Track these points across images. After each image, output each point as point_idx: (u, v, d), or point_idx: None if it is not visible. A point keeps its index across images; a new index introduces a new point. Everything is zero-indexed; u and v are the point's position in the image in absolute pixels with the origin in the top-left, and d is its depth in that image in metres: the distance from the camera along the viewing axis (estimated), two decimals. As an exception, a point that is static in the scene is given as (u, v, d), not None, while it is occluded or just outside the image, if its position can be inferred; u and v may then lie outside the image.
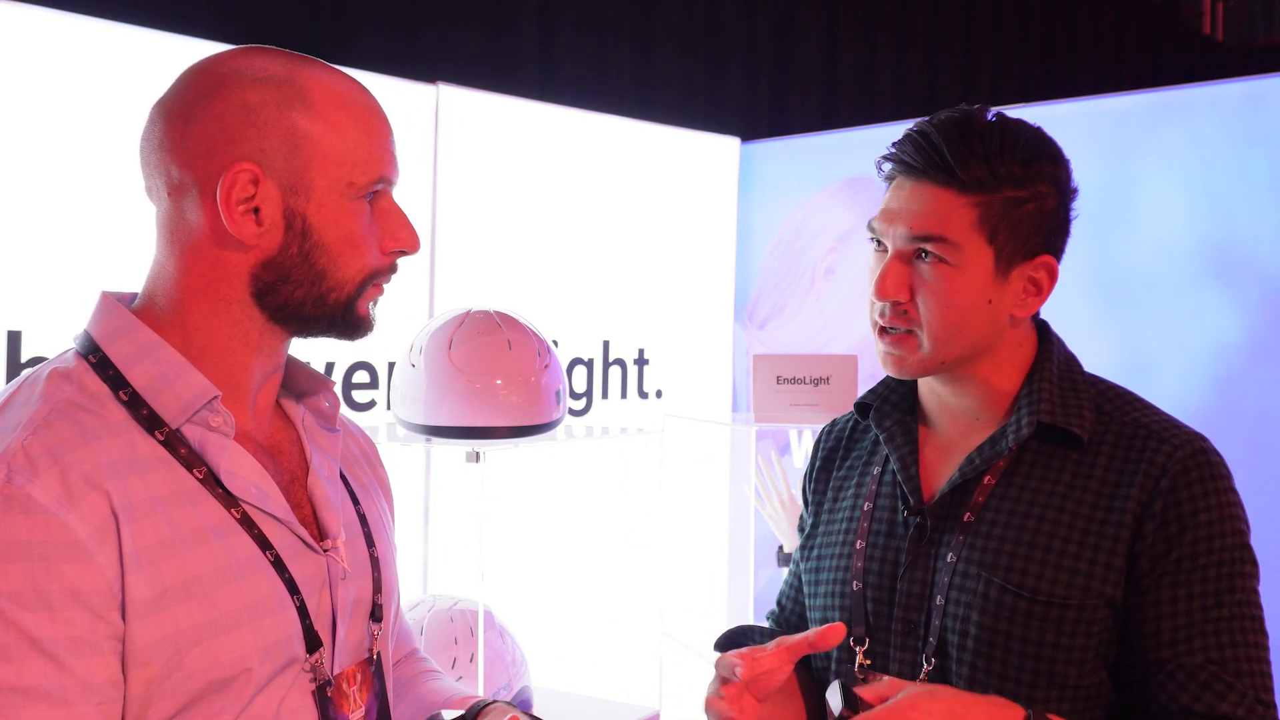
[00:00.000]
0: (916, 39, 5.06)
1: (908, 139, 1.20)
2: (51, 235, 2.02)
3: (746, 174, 3.44)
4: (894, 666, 1.23)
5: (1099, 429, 1.19)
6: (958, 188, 1.15)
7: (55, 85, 2.02)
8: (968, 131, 1.16)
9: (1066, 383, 1.23)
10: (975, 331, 1.19)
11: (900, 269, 1.18)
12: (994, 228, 1.16)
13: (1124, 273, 2.58)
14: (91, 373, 0.93)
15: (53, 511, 0.83)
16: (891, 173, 1.22)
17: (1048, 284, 1.21)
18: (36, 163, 2.00)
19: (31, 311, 2.00)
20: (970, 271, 1.16)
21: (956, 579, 1.18)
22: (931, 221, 1.16)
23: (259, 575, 0.93)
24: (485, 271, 2.74)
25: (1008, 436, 1.20)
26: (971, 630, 1.16)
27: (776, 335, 3.36)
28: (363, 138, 0.97)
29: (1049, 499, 1.17)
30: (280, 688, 0.94)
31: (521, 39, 3.42)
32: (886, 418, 1.31)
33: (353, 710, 1.01)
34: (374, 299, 1.03)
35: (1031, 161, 1.17)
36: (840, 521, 1.34)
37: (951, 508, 1.22)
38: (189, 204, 0.95)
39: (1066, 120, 2.71)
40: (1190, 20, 8.55)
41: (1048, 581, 1.14)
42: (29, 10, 1.99)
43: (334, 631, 1.00)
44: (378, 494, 1.18)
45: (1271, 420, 2.35)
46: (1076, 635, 1.13)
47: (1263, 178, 2.38)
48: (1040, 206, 1.18)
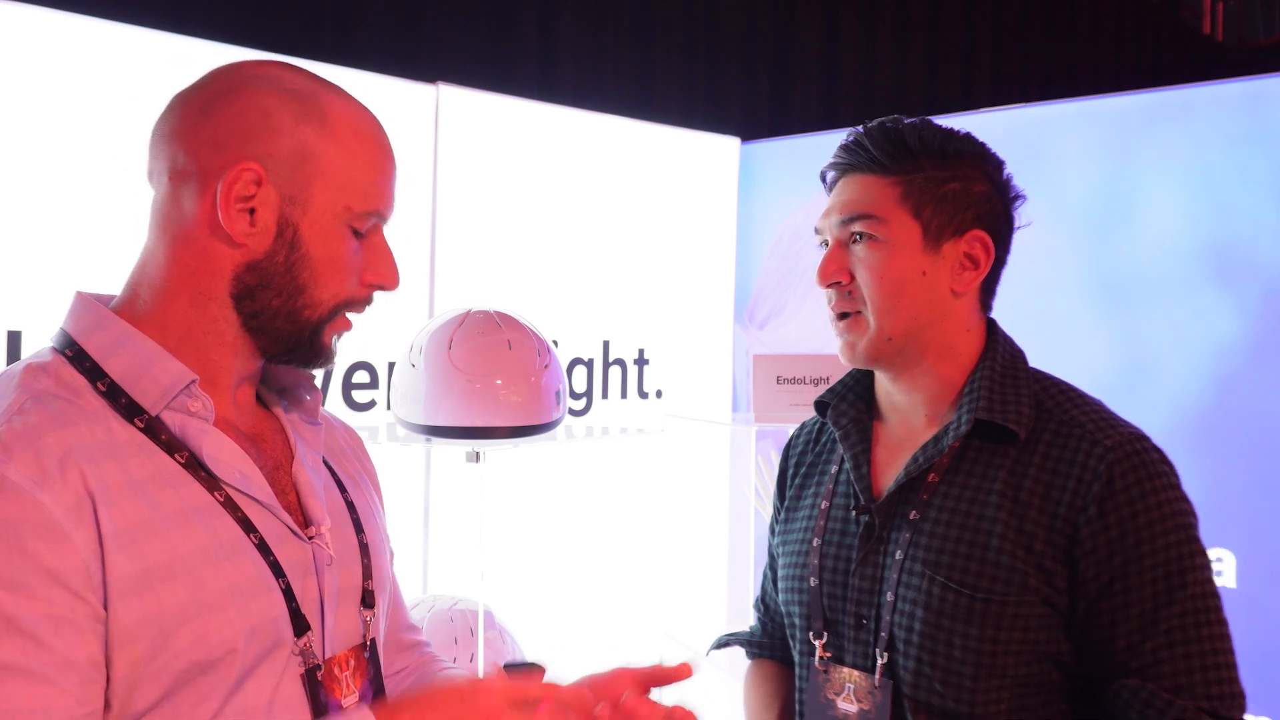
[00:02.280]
0: (916, 39, 5.06)
1: (841, 147, 1.30)
2: (51, 236, 2.02)
3: (746, 174, 3.44)
4: (849, 659, 1.28)
5: (1037, 426, 1.22)
6: (881, 172, 1.25)
7: (55, 85, 2.02)
8: (889, 129, 1.26)
9: (1008, 378, 1.26)
10: (914, 303, 1.24)
11: (838, 254, 1.27)
12: (918, 203, 1.24)
13: (1124, 273, 2.58)
14: (68, 365, 0.94)
15: (27, 491, 0.84)
16: (831, 181, 1.33)
17: (985, 259, 1.26)
18: (36, 163, 2.00)
19: (31, 311, 2.00)
20: (900, 244, 1.24)
21: (904, 576, 1.22)
22: (858, 203, 1.26)
23: (242, 557, 0.94)
24: (485, 271, 2.74)
25: (949, 434, 1.23)
26: (917, 625, 1.20)
27: (776, 335, 3.36)
28: (368, 169, 1.00)
29: (988, 497, 1.20)
30: (271, 673, 0.95)
31: (521, 39, 3.42)
32: (843, 415, 1.36)
33: (346, 695, 1.02)
34: (340, 331, 1.04)
35: (951, 147, 1.26)
36: (801, 519, 1.39)
37: (898, 505, 1.26)
38: (187, 192, 0.97)
39: (1066, 120, 2.71)
40: (1190, 20, 8.55)
41: (987, 579, 1.17)
42: (29, 10, 1.99)
43: (322, 617, 1.01)
44: (366, 485, 1.19)
45: (1271, 420, 2.35)
46: (1014, 630, 1.16)
47: (1263, 178, 2.38)
48: (966, 187, 1.25)
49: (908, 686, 1.21)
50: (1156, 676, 1.13)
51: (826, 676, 1.29)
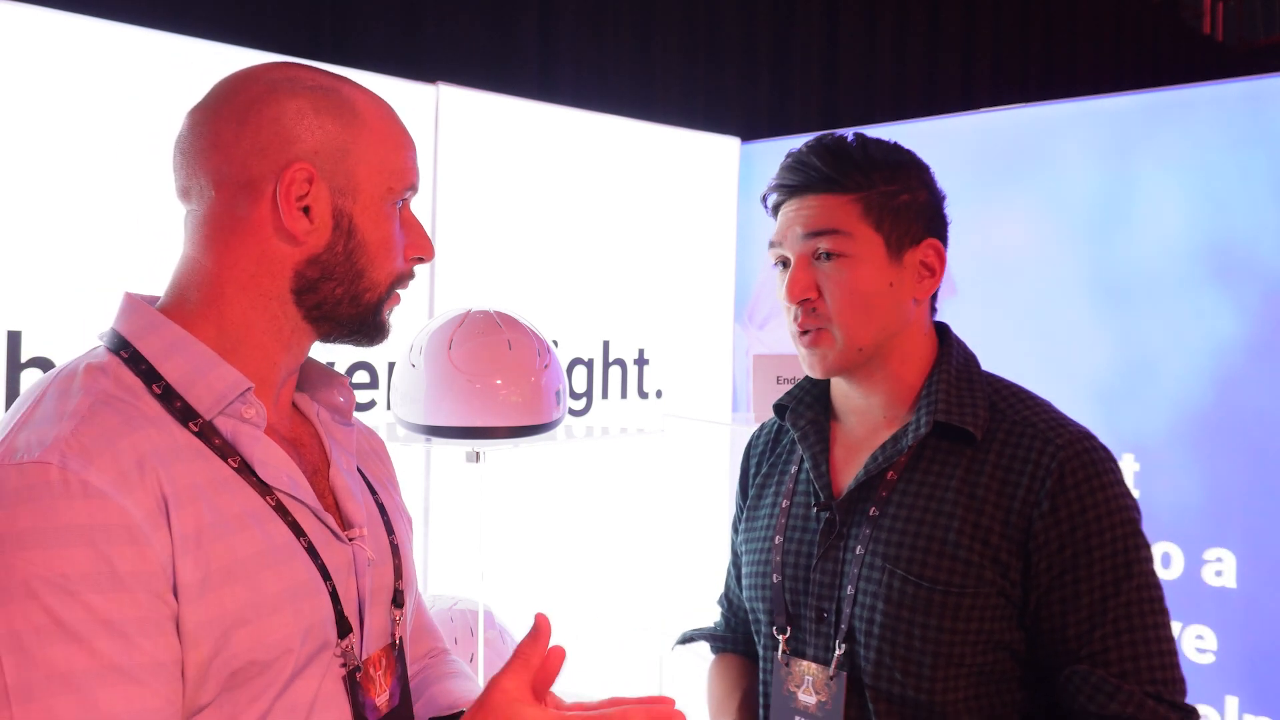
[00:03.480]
0: (916, 39, 5.06)
1: (785, 169, 1.34)
2: (51, 236, 2.02)
3: (746, 174, 3.43)
4: (810, 651, 1.32)
5: (991, 426, 1.27)
6: (838, 190, 1.29)
7: (55, 85, 2.02)
8: (835, 149, 1.30)
9: (964, 381, 1.31)
10: (883, 315, 1.29)
11: (804, 271, 1.30)
12: (878, 217, 1.28)
13: (1124, 273, 2.58)
14: (124, 367, 0.95)
15: (110, 496, 0.85)
16: (777, 200, 1.36)
17: (939, 266, 1.32)
18: (36, 163, 2.00)
19: (31, 311, 2.00)
20: (866, 258, 1.27)
21: (864, 570, 1.27)
22: (823, 219, 1.28)
23: (296, 560, 0.96)
24: (485, 271, 2.74)
25: (908, 435, 1.28)
26: (877, 618, 1.25)
27: (776, 335, 3.36)
28: (399, 148, 1.05)
29: (945, 493, 1.25)
30: (315, 674, 0.97)
31: (521, 39, 3.42)
32: (801, 418, 1.40)
33: (379, 694, 1.04)
34: (394, 306, 1.09)
35: (897, 165, 1.31)
36: (763, 518, 1.43)
37: (858, 502, 1.31)
38: (241, 201, 0.99)
39: (1066, 120, 2.71)
40: (1190, 20, 8.55)
41: (945, 572, 1.22)
42: (29, 10, 1.99)
43: (361, 618, 1.03)
44: (392, 486, 1.22)
45: (1271, 420, 2.35)
46: (971, 620, 1.21)
47: (1263, 178, 2.38)
48: (914, 198, 1.30)
49: (869, 677, 1.25)
50: (1105, 663, 1.18)
51: (788, 670, 1.33)
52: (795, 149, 1.34)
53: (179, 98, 2.16)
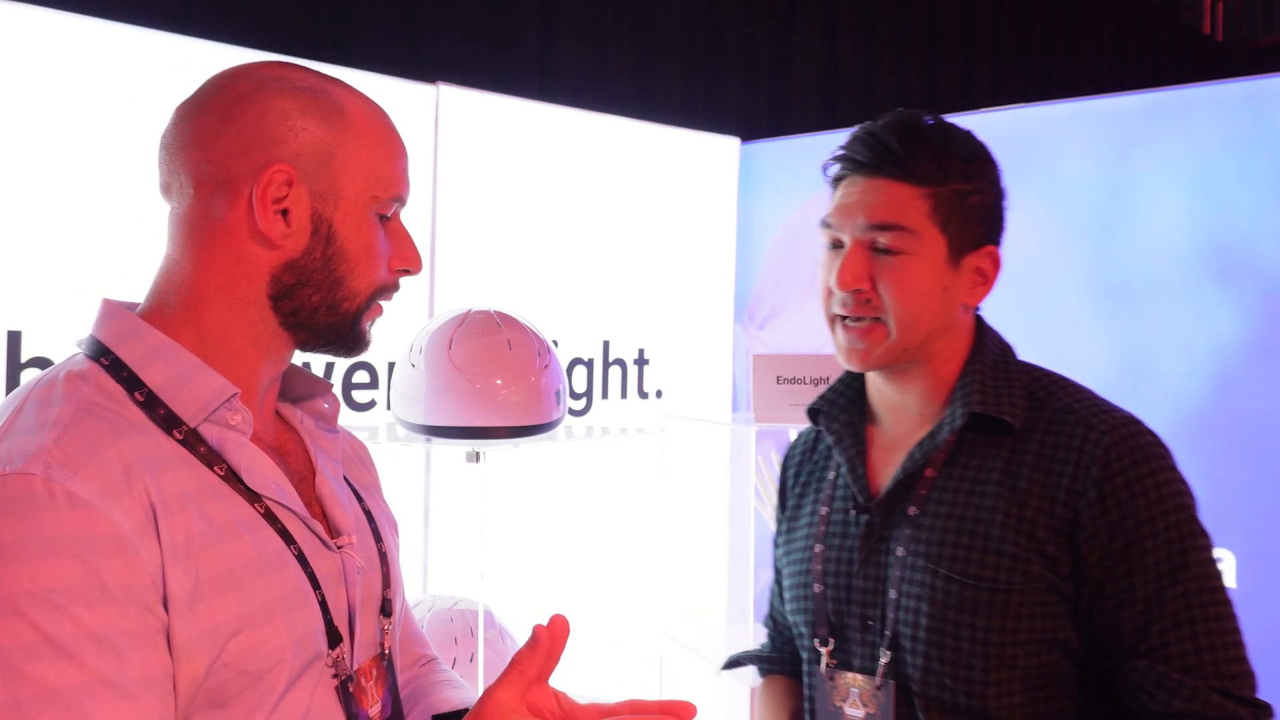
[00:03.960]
0: (916, 39, 5.06)
1: (857, 140, 1.25)
2: (51, 236, 2.02)
3: (746, 174, 3.43)
4: (856, 662, 1.26)
5: (1031, 416, 1.22)
6: (910, 180, 1.21)
7: (55, 85, 2.02)
8: (913, 130, 1.22)
9: (1000, 372, 1.26)
10: (933, 318, 1.23)
11: (860, 258, 1.22)
12: (945, 218, 1.21)
13: (1124, 273, 2.58)
14: (105, 374, 0.93)
15: (97, 506, 0.82)
16: (841, 172, 1.27)
17: (993, 273, 1.27)
18: (36, 163, 2.00)
19: (31, 312, 2.00)
20: (927, 259, 1.21)
21: (907, 572, 1.22)
22: (889, 211, 1.21)
23: (286, 569, 0.94)
24: (485, 271, 2.74)
25: (944, 429, 1.23)
26: (923, 621, 1.19)
27: (776, 335, 3.36)
28: (388, 156, 1.01)
29: (986, 488, 1.20)
30: (308, 685, 0.95)
31: (521, 39, 3.42)
32: (835, 421, 1.35)
33: (371, 705, 1.02)
34: (374, 318, 1.05)
35: (972, 159, 1.24)
36: (802, 527, 1.38)
37: (898, 503, 1.25)
38: (217, 201, 0.97)
39: (1066, 120, 2.71)
40: (1190, 20, 8.55)
41: (990, 569, 1.16)
42: (29, 10, 1.99)
43: (351, 627, 1.01)
44: (378, 493, 1.20)
45: (1271, 420, 2.35)
46: (1022, 619, 1.15)
47: (1263, 178, 2.38)
48: (984, 200, 1.24)
49: (917, 684, 1.19)
50: (1165, 659, 1.12)
51: (833, 684, 1.27)
52: (869, 122, 1.25)
53: (179, 98, 2.16)
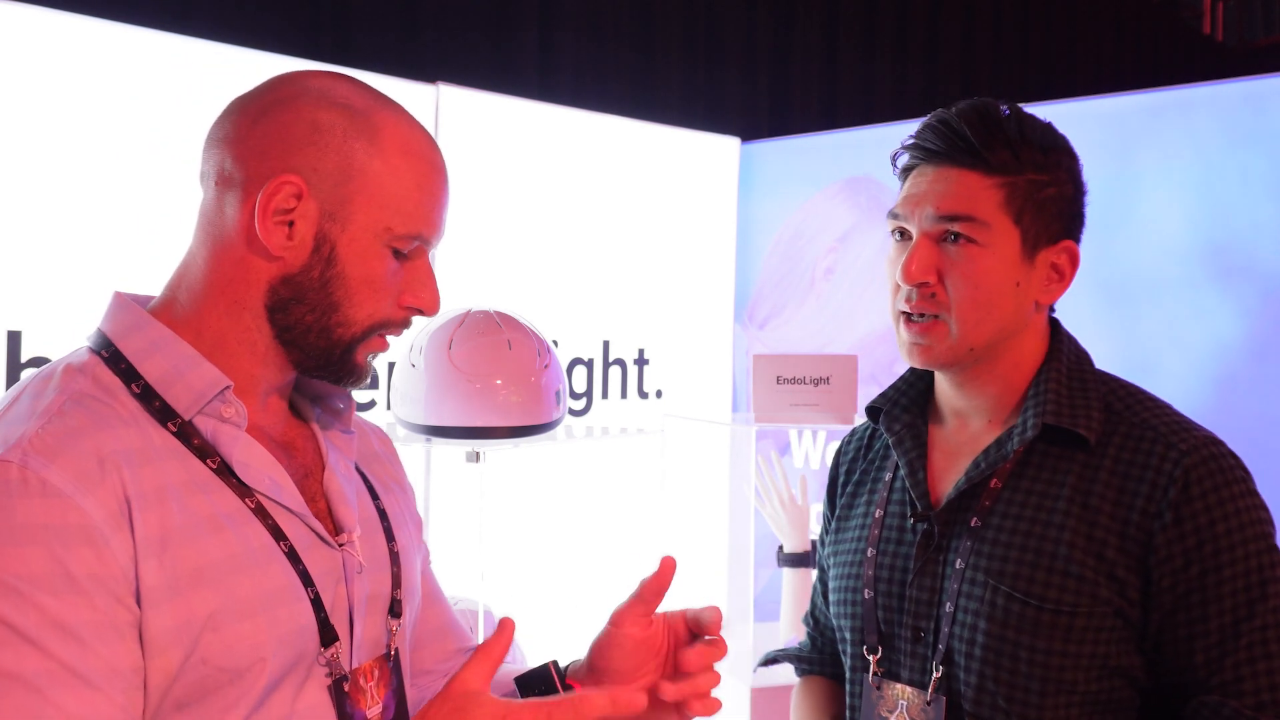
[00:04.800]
0: (916, 39, 5.06)
1: (928, 128, 1.20)
2: (51, 235, 2.02)
3: (746, 174, 3.43)
4: (905, 674, 1.22)
5: (1107, 430, 1.16)
6: (983, 169, 1.16)
7: (55, 85, 2.02)
8: (988, 118, 1.17)
9: (1076, 381, 1.20)
10: (1003, 315, 1.17)
11: (928, 251, 1.17)
12: (1019, 209, 1.16)
13: (1124, 273, 2.58)
14: (104, 366, 0.94)
15: (69, 496, 0.83)
16: (911, 162, 1.22)
17: (1070, 270, 1.21)
18: (36, 163, 2.00)
19: (31, 311, 2.00)
20: (998, 252, 1.16)
21: (965, 586, 1.16)
22: (959, 201, 1.16)
23: (273, 565, 0.93)
24: (485, 271, 2.74)
25: (1014, 438, 1.17)
26: (979, 639, 1.14)
27: (776, 335, 3.35)
28: (415, 190, 0.99)
29: (1055, 503, 1.14)
30: (293, 683, 0.94)
31: (521, 39, 3.42)
32: (896, 421, 1.29)
33: (370, 706, 1.01)
34: (375, 351, 1.03)
35: (1050, 149, 1.19)
36: (854, 529, 1.33)
37: (959, 513, 1.20)
38: (230, 199, 0.97)
39: (1066, 120, 2.69)
40: (1190, 20, 8.55)
41: (1055, 589, 1.11)
42: (29, 10, 1.99)
43: (351, 626, 1.00)
44: (398, 490, 1.18)
45: (1271, 420, 2.35)
46: (1084, 643, 1.10)
47: (1263, 178, 2.38)
48: (1061, 192, 1.19)
49: (969, 703, 1.15)
50: (1239, 694, 1.07)
51: (880, 694, 1.23)
52: (941, 110, 1.20)
53: (179, 98, 2.16)
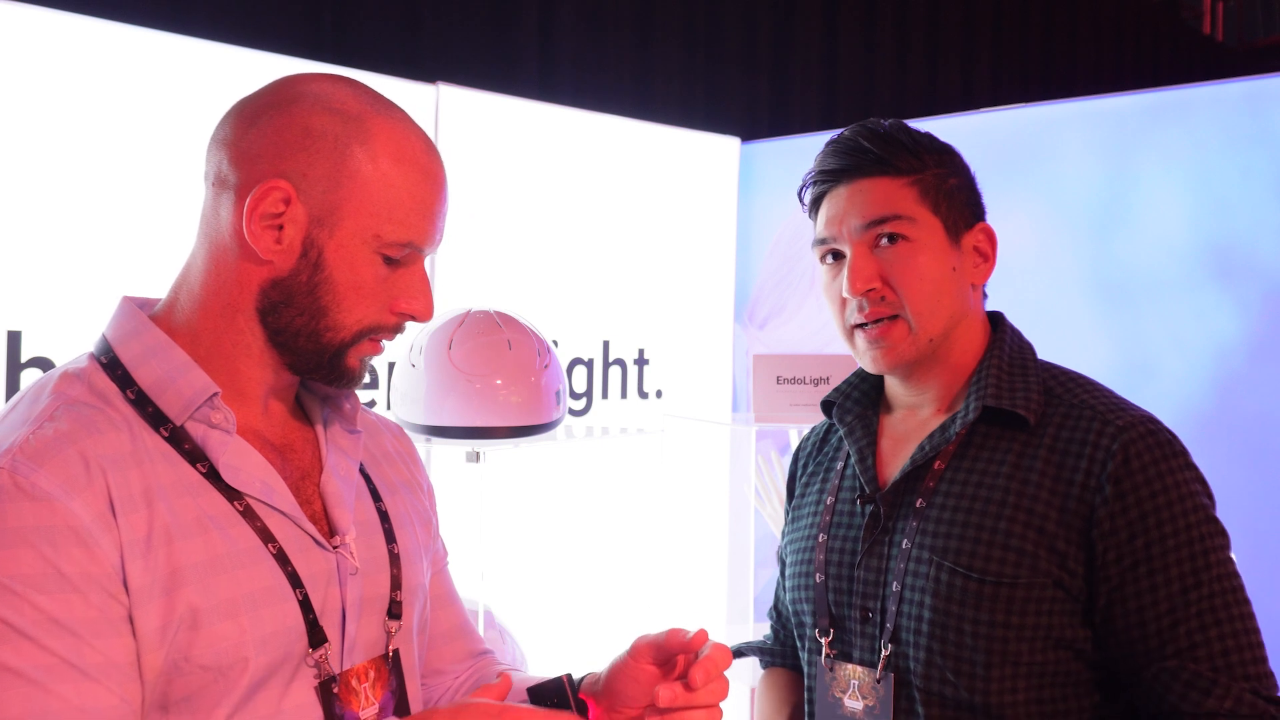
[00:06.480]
0: (916, 39, 5.06)
1: (829, 155, 1.28)
2: (51, 236, 2.02)
3: (746, 174, 3.44)
4: (855, 654, 1.26)
5: (1047, 411, 1.21)
6: (892, 173, 1.24)
7: (56, 85, 2.02)
8: (880, 131, 1.26)
9: (1017, 367, 1.26)
10: (951, 301, 1.24)
11: (866, 260, 1.23)
12: (935, 201, 1.24)
13: (1124, 273, 2.58)
14: (101, 372, 0.96)
15: (58, 498, 0.85)
16: (820, 190, 1.29)
17: (991, 251, 1.28)
18: (36, 163, 2.00)
19: (31, 311, 2.00)
20: (930, 243, 1.23)
21: (910, 565, 1.21)
22: (882, 205, 1.23)
23: (259, 566, 0.94)
24: (485, 271, 2.74)
25: (956, 422, 1.23)
26: (925, 615, 1.18)
27: (776, 335, 3.36)
28: (406, 198, 0.98)
29: (995, 480, 1.19)
30: (279, 684, 0.95)
31: (521, 39, 3.42)
32: (848, 413, 1.35)
33: (364, 707, 1.01)
34: (368, 354, 1.03)
35: (939, 148, 1.28)
36: (806, 517, 1.38)
37: (904, 495, 1.25)
38: (224, 201, 0.98)
39: (1066, 120, 2.71)
40: (1190, 20, 8.55)
41: (995, 562, 1.15)
42: (29, 10, 1.99)
43: (343, 628, 1.00)
44: (409, 491, 1.18)
45: (1271, 420, 2.35)
46: (1026, 614, 1.14)
47: (1263, 178, 2.38)
48: (961, 181, 1.27)
49: (919, 678, 1.19)
50: (1194, 659, 1.10)
51: (833, 675, 1.27)
52: (834, 137, 1.29)
53: (179, 98, 2.16)
